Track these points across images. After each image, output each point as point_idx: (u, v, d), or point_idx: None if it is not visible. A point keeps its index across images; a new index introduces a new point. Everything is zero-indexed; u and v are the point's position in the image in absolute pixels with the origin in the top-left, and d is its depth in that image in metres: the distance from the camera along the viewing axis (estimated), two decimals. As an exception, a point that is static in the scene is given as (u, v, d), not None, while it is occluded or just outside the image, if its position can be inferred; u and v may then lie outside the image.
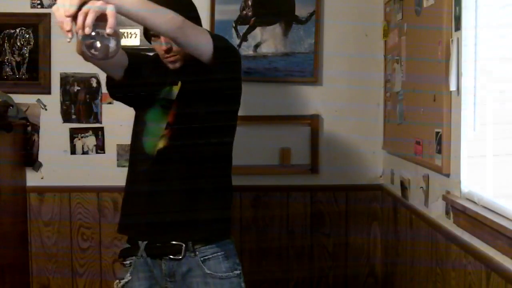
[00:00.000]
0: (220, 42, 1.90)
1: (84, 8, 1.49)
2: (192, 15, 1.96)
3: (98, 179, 3.10)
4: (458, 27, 1.93)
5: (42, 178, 3.10)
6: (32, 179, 3.10)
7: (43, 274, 3.11)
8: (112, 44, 1.49)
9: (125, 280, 2.03)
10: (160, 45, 1.97)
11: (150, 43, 2.04)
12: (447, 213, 2.07)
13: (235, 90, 2.04)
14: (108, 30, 1.47)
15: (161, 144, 1.98)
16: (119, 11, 1.54)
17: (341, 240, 3.09)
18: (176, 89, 2.02)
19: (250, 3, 3.00)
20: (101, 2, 1.49)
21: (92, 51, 1.49)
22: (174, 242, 1.98)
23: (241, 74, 2.07)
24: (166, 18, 1.70)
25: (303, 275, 3.10)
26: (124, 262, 2.07)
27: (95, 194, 3.10)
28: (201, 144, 1.98)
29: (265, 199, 3.08)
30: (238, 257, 2.04)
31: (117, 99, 2.13)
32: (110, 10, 1.49)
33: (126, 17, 1.60)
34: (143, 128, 2.03)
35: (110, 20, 1.48)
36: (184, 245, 1.97)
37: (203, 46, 1.83)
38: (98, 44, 1.48)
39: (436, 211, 2.20)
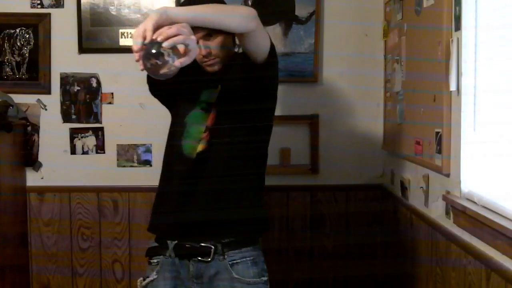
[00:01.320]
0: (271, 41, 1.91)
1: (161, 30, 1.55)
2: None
3: (98, 179, 3.10)
4: (458, 27, 1.93)
5: (42, 178, 3.10)
6: (32, 179, 3.10)
7: (43, 274, 3.11)
8: (172, 61, 1.52)
9: (151, 278, 2.03)
10: (198, 49, 1.97)
11: None
12: (447, 213, 2.07)
13: (276, 88, 2.07)
14: (165, 44, 1.52)
15: (200, 147, 1.98)
16: (193, 23, 1.61)
17: (341, 240, 3.09)
18: (216, 92, 2.02)
19: (250, 3, 3.00)
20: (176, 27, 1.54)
21: (155, 66, 1.52)
22: (203, 244, 1.98)
23: None
24: (239, 19, 1.74)
25: (303, 275, 3.10)
26: (151, 261, 2.06)
27: (95, 194, 3.10)
28: (240, 144, 1.99)
29: (265, 199, 3.07)
30: (265, 264, 2.04)
31: (156, 97, 2.13)
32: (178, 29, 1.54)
33: (203, 26, 1.67)
34: (182, 131, 2.02)
35: (175, 38, 1.52)
36: (213, 247, 1.97)
37: (264, 44, 1.86)
38: (161, 61, 1.52)
39: (436, 211, 2.20)
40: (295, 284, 3.11)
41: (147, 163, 3.09)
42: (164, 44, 1.51)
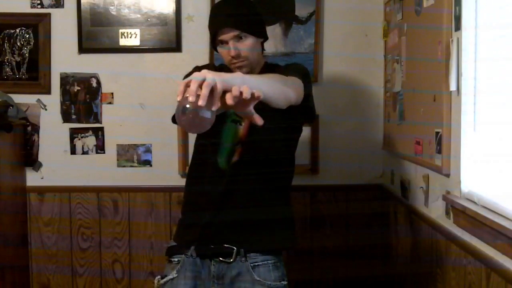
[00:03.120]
0: (308, 86, 1.90)
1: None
2: (258, 19, 2.04)
3: (98, 179, 3.10)
4: (458, 27, 1.93)
5: (42, 178, 3.10)
6: (32, 179, 3.10)
7: (43, 274, 3.11)
8: (208, 115, 1.35)
9: (170, 277, 2.04)
10: (228, 50, 1.97)
11: (215, 48, 2.04)
12: (447, 213, 2.07)
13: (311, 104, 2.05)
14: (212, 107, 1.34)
15: (234, 160, 2.00)
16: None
17: (341, 240, 3.09)
18: None
19: (250, 3, 2.99)
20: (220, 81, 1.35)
21: (191, 121, 1.36)
22: (225, 245, 1.99)
23: None
24: (289, 101, 1.68)
25: (303, 275, 3.10)
26: (171, 259, 2.08)
27: (95, 194, 3.10)
28: (272, 154, 2.01)
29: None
30: (286, 268, 2.06)
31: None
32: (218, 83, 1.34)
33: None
34: (216, 145, 2.02)
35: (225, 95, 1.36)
36: (235, 248, 1.98)
37: (297, 100, 1.80)
38: (197, 117, 1.34)
39: (436, 211, 2.20)
40: (295, 284, 3.11)
41: (147, 163, 3.09)
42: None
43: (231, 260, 1.99)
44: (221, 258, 2.00)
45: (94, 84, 3.07)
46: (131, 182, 3.09)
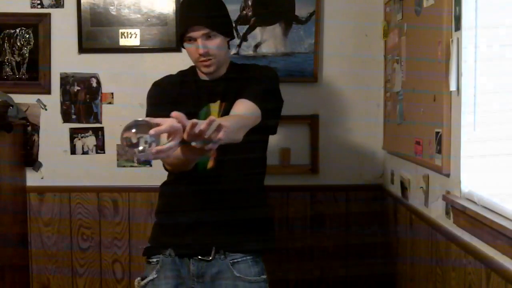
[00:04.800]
0: (271, 100, 2.00)
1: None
2: (227, 19, 2.08)
3: (98, 179, 3.10)
4: (458, 27, 1.93)
5: (42, 178, 3.10)
6: (32, 179, 3.10)
7: (43, 274, 3.11)
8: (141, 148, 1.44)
9: (150, 278, 2.04)
10: (196, 48, 1.98)
11: (183, 45, 2.06)
12: (447, 213, 2.07)
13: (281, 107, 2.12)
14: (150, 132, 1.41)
15: (210, 164, 2.01)
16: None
17: (341, 240, 3.09)
18: (215, 108, 2.03)
19: (250, 3, 3.00)
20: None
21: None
22: (203, 244, 2.01)
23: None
24: (243, 132, 1.79)
25: (303, 275, 3.10)
26: (150, 260, 2.08)
27: (95, 194, 3.10)
28: (247, 154, 2.02)
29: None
30: (265, 264, 2.08)
31: None
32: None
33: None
34: None
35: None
36: (214, 246, 1.98)
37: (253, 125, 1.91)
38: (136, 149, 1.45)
39: (436, 211, 2.20)
40: (295, 284, 3.11)
41: (147, 163, 3.09)
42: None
43: (210, 258, 2.00)
44: (200, 257, 2.01)
45: (94, 84, 3.07)
46: (131, 182, 3.09)
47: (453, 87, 1.94)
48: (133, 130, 1.42)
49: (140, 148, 1.43)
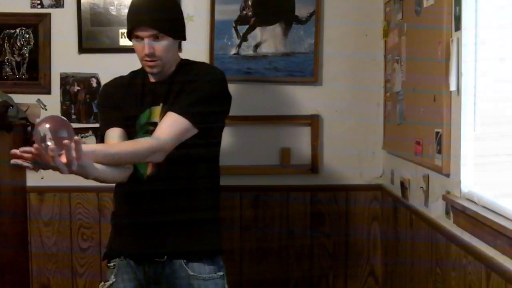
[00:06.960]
0: (204, 111, 1.97)
1: None
2: (180, 18, 2.06)
3: (98, 179, 3.09)
4: (458, 27, 1.93)
5: (42, 178, 3.10)
6: (32, 179, 3.10)
7: (43, 274, 3.11)
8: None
9: (110, 282, 2.07)
10: (142, 46, 1.97)
11: (131, 41, 2.04)
12: (447, 213, 2.07)
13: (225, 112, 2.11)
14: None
15: (149, 169, 2.02)
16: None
17: (341, 240, 3.09)
18: (157, 111, 2.02)
19: (250, 3, 2.99)
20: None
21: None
22: (155, 247, 2.02)
23: (228, 93, 2.10)
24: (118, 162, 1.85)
25: (303, 275, 3.10)
26: (109, 264, 2.11)
27: (95, 194, 3.10)
28: (191, 158, 2.02)
29: (265, 199, 3.08)
30: (222, 260, 2.07)
31: None
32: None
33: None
34: None
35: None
36: (164, 248, 2.01)
37: (172, 145, 1.94)
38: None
39: (436, 211, 2.20)
40: (295, 284, 3.11)
41: (147, 163, 3.08)
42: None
43: (164, 259, 2.01)
44: (155, 259, 2.02)
45: (94, 84, 3.07)
46: (131, 182, 3.08)
47: (453, 87, 1.94)
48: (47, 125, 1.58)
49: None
